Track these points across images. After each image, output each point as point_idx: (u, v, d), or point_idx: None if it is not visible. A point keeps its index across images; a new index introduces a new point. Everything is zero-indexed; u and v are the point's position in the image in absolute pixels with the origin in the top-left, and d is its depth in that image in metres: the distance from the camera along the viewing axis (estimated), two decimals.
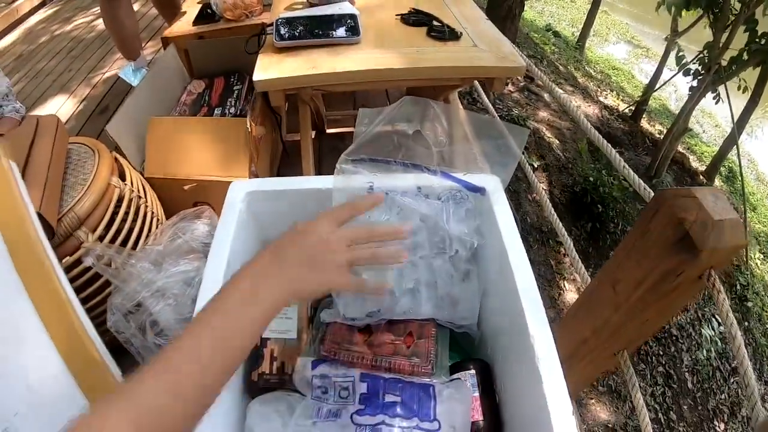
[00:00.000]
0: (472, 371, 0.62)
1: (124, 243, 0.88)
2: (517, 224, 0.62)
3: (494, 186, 0.66)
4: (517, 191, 3.40)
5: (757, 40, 3.82)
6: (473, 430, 0.57)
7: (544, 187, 3.69)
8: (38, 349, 0.60)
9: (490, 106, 1.93)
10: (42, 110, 2.24)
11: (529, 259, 0.56)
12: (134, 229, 0.92)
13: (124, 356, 0.69)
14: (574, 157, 4.07)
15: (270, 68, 0.94)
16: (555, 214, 0.98)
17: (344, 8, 1.08)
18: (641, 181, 0.66)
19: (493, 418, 0.59)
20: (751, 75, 4.35)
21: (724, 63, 4.13)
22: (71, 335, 0.61)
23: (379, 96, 1.98)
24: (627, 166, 0.69)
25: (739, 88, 4.27)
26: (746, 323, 3.66)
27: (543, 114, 4.34)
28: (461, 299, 0.64)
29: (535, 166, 3.74)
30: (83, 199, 0.84)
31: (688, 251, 0.51)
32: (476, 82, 1.90)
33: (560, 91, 0.97)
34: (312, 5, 1.14)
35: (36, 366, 0.60)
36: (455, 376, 0.61)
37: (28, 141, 0.88)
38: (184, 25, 1.59)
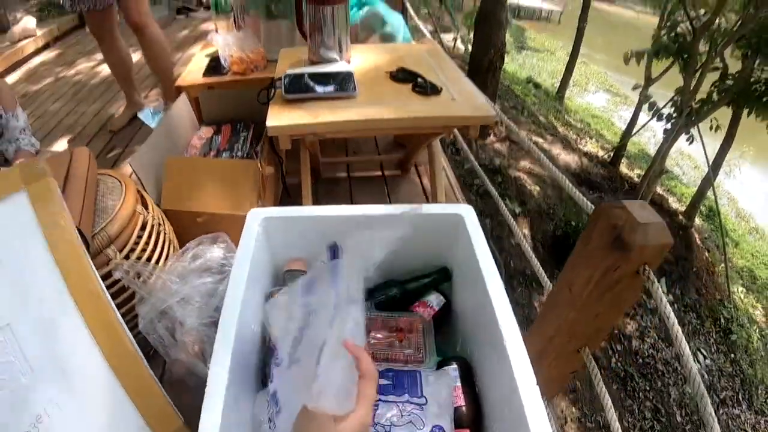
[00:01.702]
0: (455, 366, 0.71)
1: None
2: (493, 254, 0.71)
3: (467, 212, 0.77)
4: (501, 237, 3.54)
5: (727, 80, 4.05)
6: (456, 415, 0.65)
7: (526, 232, 3.85)
8: (74, 336, 0.67)
9: (471, 155, 2.10)
10: (50, 150, 2.31)
11: (514, 302, 0.65)
12: (155, 254, 1.03)
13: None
14: (555, 203, 4.27)
15: (280, 117, 1.08)
16: (530, 250, 1.10)
17: (341, 67, 1.26)
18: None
19: (474, 405, 0.68)
20: (725, 114, 4.56)
21: (696, 105, 4.38)
22: (108, 328, 0.69)
23: (369, 142, 2.15)
24: (583, 197, 0.82)
25: (711, 128, 4.51)
26: (732, 355, 3.73)
27: (524, 163, 4.58)
28: None
29: (517, 212, 3.91)
30: (113, 221, 0.95)
31: (623, 250, 0.65)
32: (459, 136, 2.10)
33: (526, 138, 1.10)
34: (313, 63, 1.31)
35: (73, 353, 0.67)
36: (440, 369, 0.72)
37: (64, 170, 0.99)
38: (195, 76, 1.78)
